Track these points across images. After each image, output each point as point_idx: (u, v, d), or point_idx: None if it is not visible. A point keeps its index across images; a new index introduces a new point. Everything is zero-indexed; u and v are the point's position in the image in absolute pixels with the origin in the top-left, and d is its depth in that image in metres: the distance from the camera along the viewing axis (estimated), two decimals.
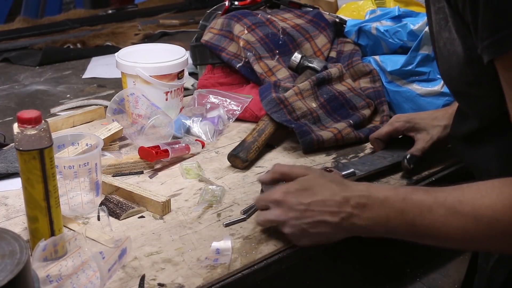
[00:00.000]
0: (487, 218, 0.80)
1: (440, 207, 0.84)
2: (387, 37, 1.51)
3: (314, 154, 1.33)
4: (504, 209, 0.79)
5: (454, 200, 0.83)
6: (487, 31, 0.73)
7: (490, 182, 0.83)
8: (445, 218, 0.83)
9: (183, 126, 1.41)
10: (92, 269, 0.93)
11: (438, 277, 1.29)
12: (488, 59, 0.74)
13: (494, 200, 0.80)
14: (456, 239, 0.84)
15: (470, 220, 0.81)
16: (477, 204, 0.81)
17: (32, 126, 0.91)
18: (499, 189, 0.81)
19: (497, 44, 0.72)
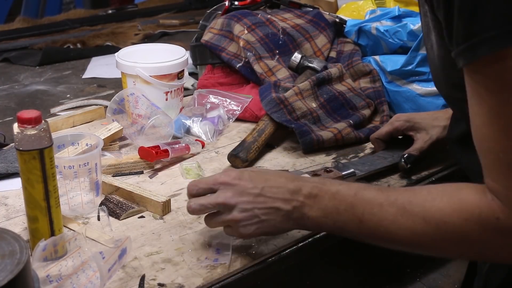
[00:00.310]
0: (435, 220, 0.80)
1: (391, 205, 0.83)
2: (387, 37, 1.52)
3: (314, 154, 1.33)
4: (453, 212, 0.78)
5: (405, 200, 0.83)
6: (461, 36, 0.72)
7: (442, 186, 0.83)
8: (394, 217, 0.82)
9: (183, 126, 1.41)
10: (92, 269, 0.93)
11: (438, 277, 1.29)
12: (464, 64, 0.73)
13: (444, 203, 0.80)
14: (403, 240, 0.83)
15: (419, 221, 0.81)
16: (427, 205, 0.81)
17: (32, 126, 0.91)
18: (450, 193, 0.81)
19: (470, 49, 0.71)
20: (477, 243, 0.78)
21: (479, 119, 0.75)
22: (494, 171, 0.75)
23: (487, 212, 0.76)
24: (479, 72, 0.72)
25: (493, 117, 0.73)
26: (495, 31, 0.68)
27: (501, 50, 0.69)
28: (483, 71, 0.72)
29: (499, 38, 0.68)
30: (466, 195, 0.79)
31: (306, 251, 1.03)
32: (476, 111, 0.76)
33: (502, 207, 0.75)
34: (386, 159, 1.25)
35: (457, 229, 0.78)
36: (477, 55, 0.70)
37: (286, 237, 1.02)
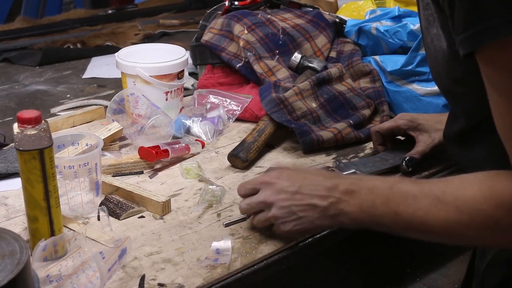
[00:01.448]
0: (468, 208, 0.80)
1: (425, 197, 0.84)
2: (387, 37, 1.52)
3: (314, 154, 1.33)
4: (485, 199, 0.79)
5: (438, 190, 0.84)
6: (462, 25, 0.72)
7: (473, 175, 0.84)
8: (428, 207, 0.83)
9: (183, 126, 1.41)
10: (92, 269, 0.93)
11: (438, 277, 1.29)
12: (464, 53, 0.74)
13: (475, 191, 0.80)
14: (438, 230, 0.84)
15: (452, 210, 0.81)
16: (459, 194, 0.82)
17: (32, 126, 0.91)
18: (481, 181, 0.81)
19: (472, 38, 0.72)
20: (509, 229, 0.79)
21: (498, 108, 0.76)
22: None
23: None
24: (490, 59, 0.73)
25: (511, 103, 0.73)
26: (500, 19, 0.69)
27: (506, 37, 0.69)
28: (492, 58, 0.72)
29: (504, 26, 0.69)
30: (496, 181, 0.80)
31: (306, 251, 1.03)
32: (495, 100, 0.76)
33: None
34: (388, 161, 1.25)
35: (488, 216, 0.79)
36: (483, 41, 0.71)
37: (286, 237, 1.02)
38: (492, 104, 0.77)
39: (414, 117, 1.25)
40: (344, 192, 0.91)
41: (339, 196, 0.91)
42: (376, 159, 1.27)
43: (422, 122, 1.24)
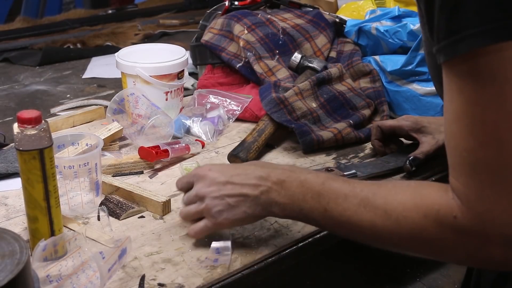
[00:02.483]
0: (396, 213, 0.80)
1: (355, 196, 0.84)
2: (387, 37, 1.52)
3: (314, 154, 1.33)
4: (414, 207, 0.78)
5: (369, 192, 0.83)
6: (441, 33, 0.71)
7: (407, 182, 0.84)
8: (357, 207, 0.83)
9: (183, 126, 1.41)
10: (92, 269, 0.93)
11: (438, 277, 1.29)
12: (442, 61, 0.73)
13: (406, 197, 0.80)
14: (364, 232, 0.84)
15: (380, 213, 0.81)
16: (389, 198, 0.81)
17: (32, 126, 0.91)
18: (413, 188, 0.81)
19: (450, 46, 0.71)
20: (434, 240, 0.78)
21: (448, 115, 0.75)
22: (457, 170, 0.75)
23: (445, 209, 0.76)
24: (454, 69, 0.72)
25: (460, 115, 0.73)
26: (476, 29, 0.68)
27: (479, 48, 0.68)
28: (458, 68, 0.71)
29: (479, 36, 0.68)
30: (429, 191, 0.79)
31: (306, 251, 1.03)
32: (447, 107, 0.75)
33: (461, 206, 0.75)
34: (389, 163, 1.25)
35: (415, 225, 0.78)
36: (456, 52, 0.70)
37: (286, 237, 1.03)
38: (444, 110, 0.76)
39: (418, 120, 1.26)
40: (275, 182, 0.91)
41: (270, 185, 0.91)
42: (378, 161, 1.27)
43: (426, 124, 1.25)
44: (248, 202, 0.93)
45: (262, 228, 1.05)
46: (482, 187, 0.72)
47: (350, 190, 0.85)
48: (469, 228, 0.74)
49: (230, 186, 0.93)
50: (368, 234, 0.84)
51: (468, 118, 0.72)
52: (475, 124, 0.71)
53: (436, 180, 1.24)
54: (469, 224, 0.74)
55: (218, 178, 0.94)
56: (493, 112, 0.70)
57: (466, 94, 0.71)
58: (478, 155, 0.72)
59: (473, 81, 0.70)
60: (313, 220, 0.89)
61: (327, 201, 0.86)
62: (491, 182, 0.72)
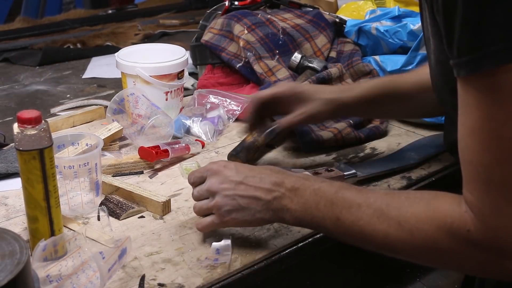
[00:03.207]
0: (409, 225, 0.80)
1: (369, 206, 0.84)
2: (387, 37, 1.52)
3: (314, 154, 1.33)
4: (427, 219, 0.79)
5: (383, 202, 0.83)
6: (465, 47, 0.71)
7: (421, 192, 0.84)
8: (371, 218, 0.83)
9: (183, 126, 1.41)
10: (92, 269, 0.93)
11: (438, 277, 1.29)
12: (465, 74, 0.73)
13: (420, 209, 0.80)
14: (377, 242, 0.84)
15: (394, 224, 0.81)
16: (403, 210, 0.81)
17: (32, 126, 0.91)
18: (428, 200, 0.81)
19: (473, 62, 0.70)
20: (447, 252, 0.79)
21: (464, 129, 0.75)
22: (471, 184, 0.75)
23: (459, 222, 0.76)
24: (473, 84, 0.72)
25: (477, 129, 0.73)
26: (500, 46, 0.68)
27: (504, 65, 0.68)
28: (478, 83, 0.71)
29: (502, 53, 0.68)
30: (442, 203, 0.79)
31: (306, 251, 1.03)
32: (463, 121, 0.76)
33: (474, 220, 0.75)
34: (389, 163, 1.25)
35: (428, 236, 0.79)
36: (481, 68, 0.70)
37: (286, 237, 1.03)
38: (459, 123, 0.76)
39: (293, 86, 1.21)
40: (289, 189, 0.91)
41: (284, 191, 0.91)
42: (378, 161, 1.27)
43: (300, 90, 1.19)
44: (260, 206, 0.92)
45: (262, 228, 1.05)
46: (497, 202, 0.73)
47: (364, 200, 0.85)
48: (482, 242, 0.75)
49: (244, 186, 0.93)
50: (381, 244, 0.84)
51: (485, 133, 0.72)
52: (492, 139, 0.72)
53: (436, 180, 1.24)
54: (483, 238, 0.75)
55: (232, 177, 0.94)
56: (510, 129, 0.70)
57: (484, 109, 0.72)
58: (494, 170, 0.72)
59: (492, 96, 0.71)
60: (325, 228, 0.89)
61: (340, 210, 0.86)
62: (506, 198, 0.72)
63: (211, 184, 0.95)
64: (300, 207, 0.90)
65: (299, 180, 0.91)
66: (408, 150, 1.32)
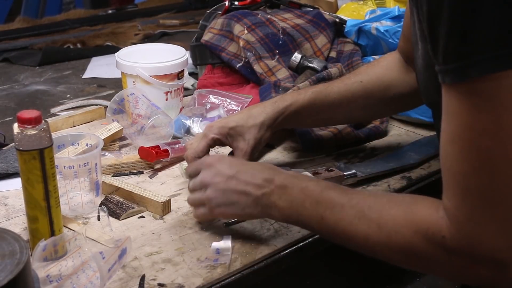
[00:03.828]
0: (388, 228, 0.81)
1: (351, 207, 0.85)
2: (387, 37, 1.52)
3: (314, 154, 1.33)
4: (405, 222, 0.80)
5: (365, 204, 0.84)
6: (452, 55, 0.71)
7: (402, 196, 0.86)
8: (352, 218, 0.84)
9: (183, 126, 1.41)
10: (92, 269, 0.93)
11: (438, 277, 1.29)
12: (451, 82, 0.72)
13: (399, 212, 0.81)
14: (358, 243, 0.85)
15: (373, 226, 0.82)
16: (384, 213, 0.82)
17: (32, 126, 0.91)
18: (408, 204, 0.82)
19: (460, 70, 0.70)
20: (424, 257, 0.79)
21: (445, 136, 0.76)
22: (450, 190, 0.76)
23: (435, 228, 0.77)
24: (455, 92, 0.72)
25: (457, 137, 0.73)
26: (488, 54, 0.68)
27: (489, 74, 0.68)
28: (459, 91, 0.72)
29: (490, 62, 0.68)
30: (421, 208, 0.80)
31: (306, 251, 1.03)
32: (444, 127, 0.76)
33: (450, 226, 0.75)
34: (389, 163, 1.25)
35: (406, 240, 0.79)
36: (466, 76, 0.70)
37: (286, 237, 1.03)
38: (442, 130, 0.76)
39: (222, 123, 1.13)
40: (278, 186, 0.92)
41: (273, 188, 0.92)
42: (378, 161, 1.27)
43: (232, 125, 1.13)
44: (249, 201, 0.94)
45: (262, 228, 1.05)
46: (473, 210, 0.73)
47: (347, 200, 0.86)
48: (457, 248, 0.75)
49: (235, 181, 0.95)
50: (362, 245, 0.85)
51: (463, 141, 0.73)
52: (470, 148, 0.72)
53: (436, 180, 1.24)
54: (457, 244, 0.75)
55: (224, 170, 0.96)
56: (488, 139, 0.70)
57: (464, 118, 0.72)
58: (471, 179, 0.73)
59: (472, 105, 0.71)
60: (310, 226, 0.92)
61: (324, 209, 0.87)
62: (482, 206, 0.73)
63: (204, 177, 0.97)
64: (287, 204, 0.91)
65: (289, 178, 0.93)
66: (408, 150, 1.32)
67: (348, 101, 1.20)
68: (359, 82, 1.20)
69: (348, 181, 1.18)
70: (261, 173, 0.95)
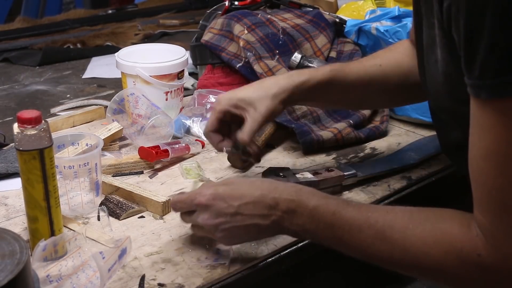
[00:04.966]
0: (415, 248, 0.80)
1: (370, 228, 0.83)
2: (387, 37, 1.51)
3: (314, 154, 1.33)
4: (435, 244, 0.78)
5: (385, 224, 0.82)
6: (491, 70, 0.70)
7: (425, 212, 0.83)
8: (374, 239, 0.82)
9: (183, 126, 1.41)
10: (92, 269, 0.93)
11: None
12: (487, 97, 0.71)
13: (426, 232, 0.79)
14: (381, 263, 0.84)
15: (398, 248, 0.81)
16: (408, 233, 0.80)
17: (32, 126, 0.91)
18: (433, 222, 0.80)
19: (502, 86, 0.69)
20: (455, 276, 0.79)
21: (477, 151, 0.75)
22: (484, 206, 0.75)
23: (469, 247, 0.76)
24: (494, 107, 0.71)
25: (493, 152, 0.72)
26: None
27: None
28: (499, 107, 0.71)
29: None
30: (449, 226, 0.79)
31: (306, 251, 1.03)
32: (475, 142, 0.75)
33: (485, 244, 0.75)
34: (389, 163, 1.25)
35: (436, 261, 0.78)
36: (506, 94, 0.69)
37: (286, 237, 1.02)
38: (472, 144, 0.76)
39: (230, 94, 1.11)
40: (285, 211, 0.88)
41: (281, 214, 0.89)
42: (378, 161, 1.27)
43: (242, 96, 1.08)
44: (261, 231, 0.91)
45: None
46: (510, 227, 0.72)
47: (364, 221, 0.84)
48: (493, 266, 0.74)
49: (240, 217, 0.90)
50: (386, 264, 0.84)
51: (500, 156, 0.72)
52: (507, 164, 0.71)
53: (436, 180, 1.24)
54: (494, 262, 0.74)
55: (225, 210, 0.89)
56: None
57: (501, 133, 0.71)
58: (508, 195, 0.72)
59: (509, 121, 0.70)
60: (328, 245, 0.90)
61: (341, 232, 0.85)
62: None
63: (205, 221, 0.91)
64: (299, 228, 0.89)
65: (293, 200, 0.88)
66: (408, 150, 1.32)
67: (366, 83, 1.15)
68: (378, 66, 1.16)
69: (348, 181, 1.18)
70: (263, 200, 0.89)
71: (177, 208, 0.95)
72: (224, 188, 0.91)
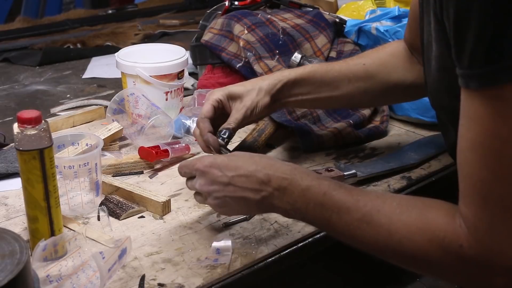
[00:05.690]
0: (399, 234, 0.79)
1: (358, 211, 0.83)
2: (387, 37, 1.51)
3: (314, 154, 1.33)
4: (418, 230, 0.78)
5: (373, 208, 0.82)
6: (479, 59, 0.70)
7: (413, 200, 0.83)
8: (360, 223, 0.83)
9: (183, 126, 1.40)
10: (92, 269, 0.93)
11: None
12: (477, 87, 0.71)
13: (411, 219, 0.79)
14: (366, 247, 0.84)
15: (383, 232, 0.81)
16: (394, 218, 0.80)
17: (32, 126, 0.91)
18: (420, 209, 0.80)
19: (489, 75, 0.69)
20: (437, 265, 0.78)
21: (464, 142, 0.74)
22: (468, 198, 0.75)
23: (452, 237, 0.76)
24: (482, 97, 0.71)
25: (479, 144, 0.72)
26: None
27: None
28: (486, 97, 0.70)
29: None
30: (435, 215, 0.78)
31: (306, 251, 1.03)
32: (463, 133, 0.75)
33: (467, 235, 0.74)
34: (389, 163, 1.25)
35: (419, 248, 0.78)
36: (495, 82, 0.69)
37: (286, 237, 1.03)
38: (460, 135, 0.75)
39: (222, 88, 1.18)
40: (276, 188, 0.90)
41: (272, 191, 0.90)
42: (378, 161, 1.27)
43: (231, 89, 1.17)
44: (250, 205, 0.93)
45: (262, 228, 1.05)
46: (493, 220, 0.72)
47: (353, 203, 0.84)
48: (474, 258, 0.74)
49: (232, 188, 0.93)
50: (370, 249, 0.84)
51: (486, 148, 0.71)
52: (492, 156, 0.71)
53: (436, 180, 1.24)
54: (475, 254, 0.74)
55: (219, 178, 0.93)
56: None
57: (488, 124, 0.71)
58: (492, 187, 0.72)
59: (497, 112, 0.70)
60: (316, 226, 0.92)
61: (330, 213, 0.85)
62: (503, 216, 0.72)
63: (201, 186, 0.96)
64: (290, 207, 0.89)
65: (286, 178, 0.90)
66: (408, 150, 1.32)
67: (349, 80, 1.18)
68: (362, 64, 1.19)
69: (348, 181, 1.18)
70: (256, 175, 0.91)
71: (182, 173, 1.01)
72: (222, 158, 0.96)
